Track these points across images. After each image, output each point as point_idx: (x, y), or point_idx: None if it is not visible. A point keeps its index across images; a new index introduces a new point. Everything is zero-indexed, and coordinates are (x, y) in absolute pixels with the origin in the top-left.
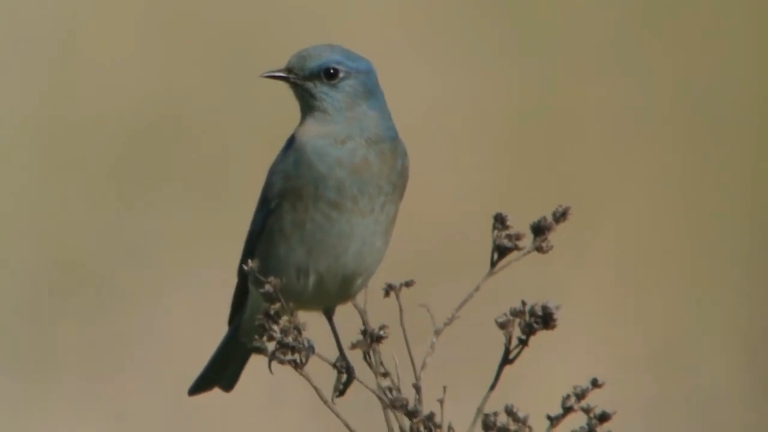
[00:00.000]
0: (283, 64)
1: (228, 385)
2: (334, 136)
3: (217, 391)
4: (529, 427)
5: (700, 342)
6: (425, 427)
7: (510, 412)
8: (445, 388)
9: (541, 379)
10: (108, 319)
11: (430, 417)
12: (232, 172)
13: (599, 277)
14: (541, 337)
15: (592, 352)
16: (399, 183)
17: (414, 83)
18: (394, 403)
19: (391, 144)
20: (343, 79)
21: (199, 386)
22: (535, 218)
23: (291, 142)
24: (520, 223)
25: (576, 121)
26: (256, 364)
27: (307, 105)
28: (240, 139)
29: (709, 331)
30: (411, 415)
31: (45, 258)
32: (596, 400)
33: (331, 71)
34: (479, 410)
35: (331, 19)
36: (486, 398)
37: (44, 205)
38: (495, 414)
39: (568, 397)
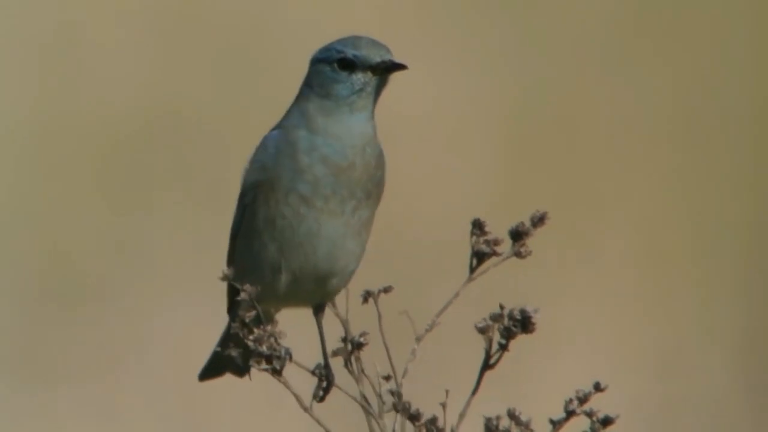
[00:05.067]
0: (385, 54)
1: (240, 371)
2: (345, 135)
3: (215, 392)
4: (532, 431)
5: (702, 344)
6: (428, 431)
7: (512, 415)
8: (447, 391)
9: (543, 381)
10: (107, 323)
11: (433, 421)
12: (233, 171)
13: (600, 278)
14: (543, 339)
15: (593, 354)
16: (374, 192)
17: (412, 83)
18: (396, 407)
19: (378, 153)
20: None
21: (209, 371)
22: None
23: (277, 132)
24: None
25: (576, 122)
26: None
27: (370, 98)
28: (240, 138)
29: (712, 333)
30: (414, 418)
31: (42, 260)
32: (598, 402)
33: None
34: (461, 416)
35: (329, 18)
36: (468, 403)
37: (41, 206)
38: (497, 418)
39: (570, 400)
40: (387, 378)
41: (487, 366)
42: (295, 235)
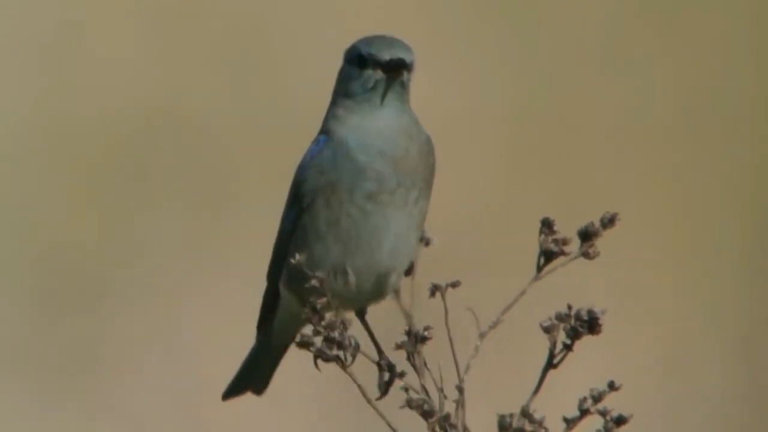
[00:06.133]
0: (396, 53)
1: (259, 389)
2: (383, 129)
3: (215, 392)
4: (546, 429)
5: (703, 343)
6: (441, 428)
7: (526, 413)
8: (462, 389)
9: (553, 380)
10: (107, 322)
11: (446, 418)
12: (234, 172)
13: (601, 277)
14: (545, 338)
15: (594, 354)
16: (430, 180)
17: (412, 83)
18: (410, 404)
19: (427, 139)
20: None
21: (232, 390)
22: (535, 220)
23: (326, 134)
24: (520, 224)
25: (576, 122)
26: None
27: (391, 95)
28: (241, 139)
29: (713, 332)
30: (427, 415)
31: (41, 260)
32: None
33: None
34: (525, 413)
35: (329, 18)
36: (530, 401)
37: (41, 205)
38: (511, 415)
39: (584, 399)
40: (401, 375)
41: (550, 365)
42: (361, 233)
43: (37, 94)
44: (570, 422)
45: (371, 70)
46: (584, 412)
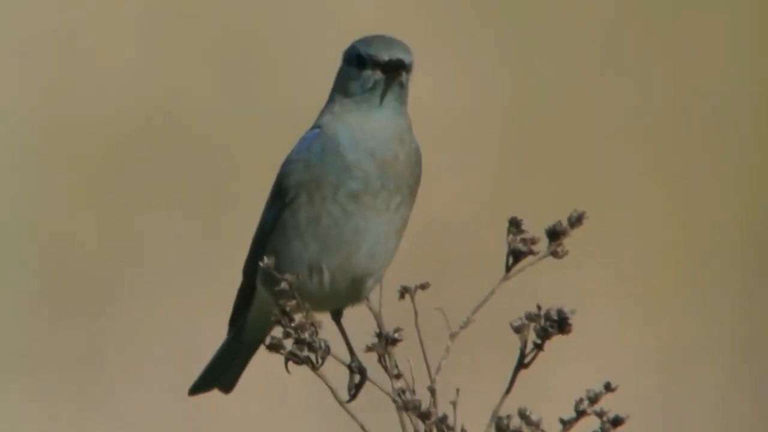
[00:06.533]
0: (396, 53)
1: (227, 387)
2: (377, 129)
3: (218, 392)
4: (542, 430)
5: (703, 343)
6: (438, 429)
7: (523, 414)
8: (458, 390)
9: (545, 380)
10: (107, 322)
11: (443, 419)
12: (234, 172)
13: (600, 277)
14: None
15: (594, 354)
16: (414, 188)
17: (411, 84)
18: (407, 405)
19: (416, 149)
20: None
21: (199, 386)
22: (535, 220)
23: (318, 128)
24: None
25: (576, 122)
26: (255, 364)
27: (389, 96)
28: (241, 139)
29: (713, 332)
30: (424, 416)
31: (40, 260)
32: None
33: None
34: (494, 414)
35: (330, 20)
36: (501, 402)
37: (42, 205)
38: (508, 417)
39: (581, 400)
40: (398, 377)
41: (521, 365)
42: (341, 232)
43: (37, 94)
44: (566, 423)
45: (370, 70)
46: (581, 414)
